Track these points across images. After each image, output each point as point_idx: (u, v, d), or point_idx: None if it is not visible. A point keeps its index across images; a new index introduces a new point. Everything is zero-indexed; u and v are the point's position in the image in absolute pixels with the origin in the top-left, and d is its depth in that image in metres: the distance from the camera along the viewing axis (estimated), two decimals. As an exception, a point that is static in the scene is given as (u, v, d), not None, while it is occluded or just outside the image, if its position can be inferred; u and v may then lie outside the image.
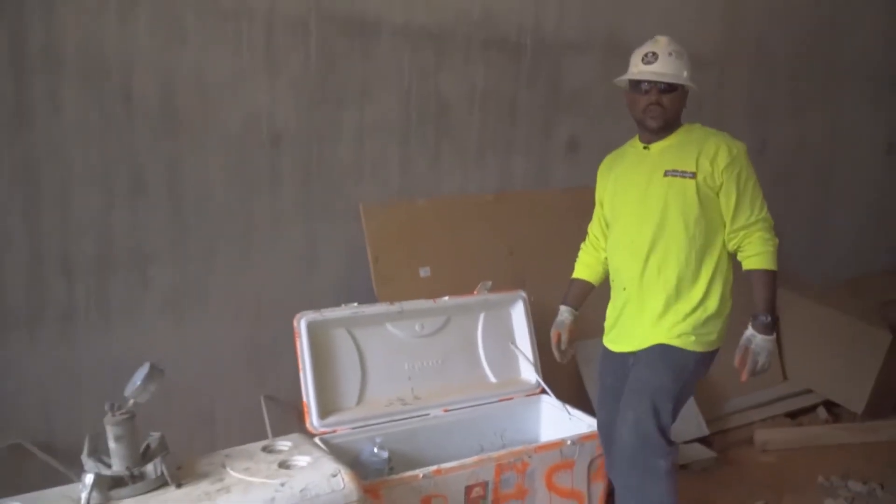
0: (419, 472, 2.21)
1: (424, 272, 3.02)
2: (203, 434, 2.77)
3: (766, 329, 2.12)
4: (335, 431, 2.48)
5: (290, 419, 2.78)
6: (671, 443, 2.16)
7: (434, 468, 2.24)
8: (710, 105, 3.74)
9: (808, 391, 3.79)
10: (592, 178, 2.47)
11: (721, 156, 2.14)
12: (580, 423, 2.67)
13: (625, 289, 2.27)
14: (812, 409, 3.76)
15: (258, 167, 2.82)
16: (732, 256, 2.24)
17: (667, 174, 2.17)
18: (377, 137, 3.05)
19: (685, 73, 2.19)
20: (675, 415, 2.19)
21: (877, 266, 4.73)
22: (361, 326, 2.62)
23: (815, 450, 3.41)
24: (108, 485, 1.76)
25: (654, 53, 2.17)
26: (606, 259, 2.41)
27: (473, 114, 3.28)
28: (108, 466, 1.79)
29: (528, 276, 3.15)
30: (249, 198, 2.82)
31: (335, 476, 1.92)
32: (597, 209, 2.47)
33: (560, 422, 2.75)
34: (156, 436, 1.88)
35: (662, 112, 2.16)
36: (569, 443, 2.47)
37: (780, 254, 2.19)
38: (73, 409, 2.53)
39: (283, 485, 1.86)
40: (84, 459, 1.79)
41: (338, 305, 2.62)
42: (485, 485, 2.32)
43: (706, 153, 2.15)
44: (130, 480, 1.78)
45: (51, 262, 2.50)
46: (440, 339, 2.76)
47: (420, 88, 3.11)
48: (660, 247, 2.18)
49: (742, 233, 2.17)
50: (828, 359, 3.73)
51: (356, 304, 2.63)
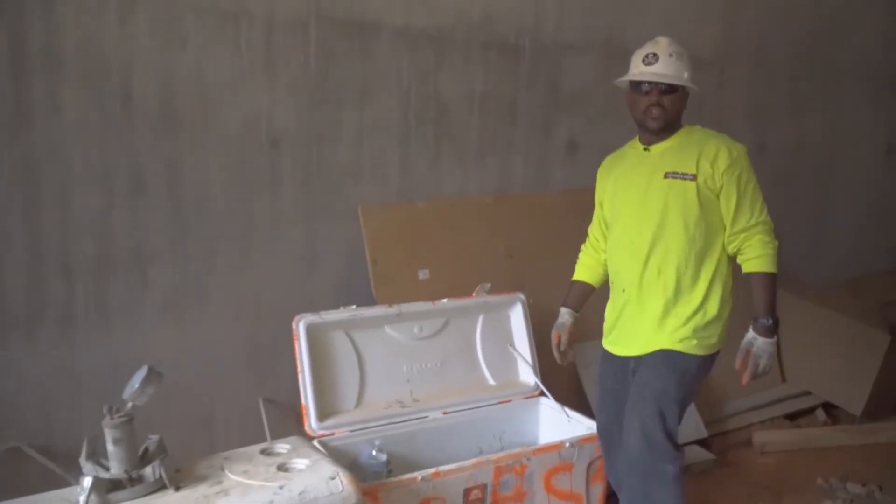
0: (418, 475, 2.21)
1: (423, 274, 3.02)
2: (202, 436, 2.77)
3: (768, 332, 2.12)
4: (334, 434, 2.48)
5: (289, 421, 2.78)
6: (678, 447, 2.17)
7: (433, 470, 2.24)
8: (710, 106, 3.74)
9: (807, 393, 3.79)
10: (592, 180, 2.47)
11: (721, 158, 2.13)
12: (579, 426, 2.68)
13: (624, 290, 2.27)
14: (811, 411, 3.77)
15: (258, 168, 2.82)
16: (731, 259, 2.24)
17: (667, 176, 2.17)
18: (377, 139, 3.05)
19: (686, 75, 2.18)
20: (680, 419, 2.19)
21: (877, 266, 4.73)
22: (360, 329, 2.62)
23: (814, 452, 3.42)
24: (107, 488, 1.76)
25: (655, 54, 2.17)
26: (606, 259, 2.40)
27: (473, 115, 3.27)
28: (107, 469, 1.79)
29: (527, 279, 3.14)
30: (249, 198, 2.82)
31: (334, 479, 1.92)
32: (596, 210, 2.46)
33: (559, 424, 2.75)
34: (154, 438, 1.88)
35: (663, 113, 2.16)
36: (567, 445, 2.48)
37: (780, 255, 2.19)
38: (73, 412, 2.53)
39: (282, 487, 1.86)
40: (82, 462, 1.80)
41: (337, 307, 2.62)
42: (483, 487, 2.32)
43: (707, 155, 2.14)
44: (129, 483, 1.79)
45: (50, 263, 2.50)
46: (439, 342, 2.76)
47: (419, 90, 3.11)
48: (659, 248, 2.18)
49: (742, 235, 2.16)
50: (826, 360, 3.73)
51: (354, 307, 2.63)
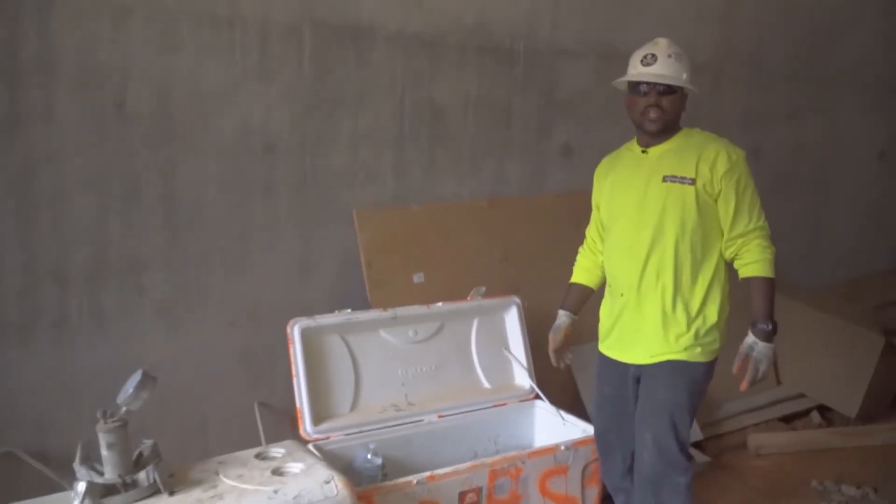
0: (413, 479, 2.21)
1: (418, 278, 3.02)
2: (197, 441, 2.77)
3: (767, 337, 2.10)
4: (329, 438, 2.48)
5: (284, 426, 2.78)
6: (689, 458, 2.17)
7: (427, 474, 2.24)
8: (706, 109, 3.75)
9: (802, 395, 3.80)
10: (586, 184, 2.46)
11: (720, 161, 2.11)
12: (574, 429, 2.68)
13: (622, 294, 2.24)
14: (806, 414, 3.77)
15: (252, 173, 2.82)
16: (728, 264, 2.22)
17: (665, 180, 2.14)
18: (371, 144, 3.05)
19: (685, 76, 2.15)
20: (690, 427, 2.18)
21: (872, 269, 4.74)
22: (355, 333, 2.63)
23: (809, 454, 3.42)
24: (101, 492, 1.76)
25: (654, 55, 2.14)
26: (603, 262, 2.39)
27: (467, 120, 3.28)
28: (101, 474, 1.79)
29: (522, 282, 3.15)
30: (244, 204, 2.82)
31: (328, 483, 1.92)
32: (593, 213, 2.44)
33: (554, 427, 2.76)
34: (148, 443, 1.88)
35: (661, 114, 2.13)
36: (563, 448, 2.48)
37: (777, 258, 2.18)
38: (67, 416, 2.53)
39: (277, 492, 1.86)
40: (76, 467, 1.79)
41: (332, 311, 2.63)
42: (479, 490, 2.32)
43: (706, 158, 2.12)
44: (123, 488, 1.78)
45: (44, 268, 2.50)
46: (434, 345, 2.77)
47: (414, 95, 3.12)
48: (658, 253, 2.15)
49: (740, 240, 2.14)
50: (821, 363, 3.74)
51: (349, 311, 2.64)
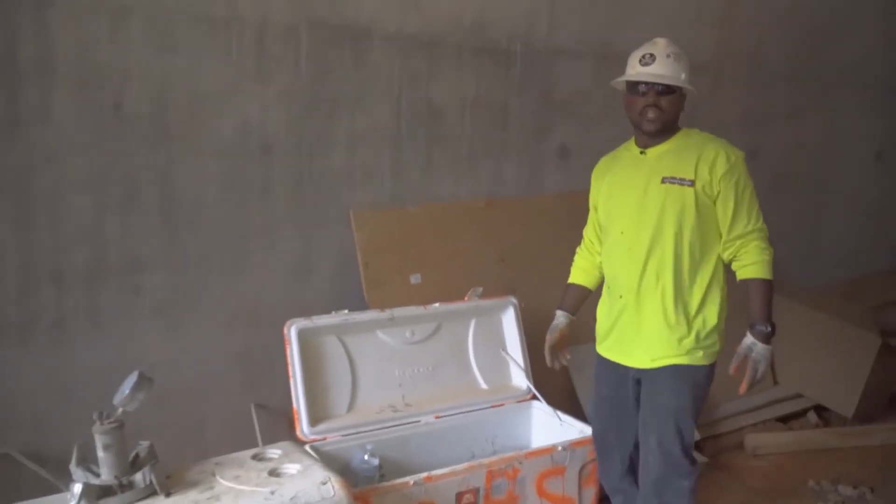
0: (410, 480, 2.21)
1: (415, 279, 3.02)
2: (194, 442, 2.76)
3: (766, 338, 2.10)
4: (326, 439, 2.48)
5: (281, 427, 2.78)
6: (693, 462, 2.17)
7: (424, 475, 2.24)
8: (706, 109, 3.74)
9: (799, 395, 3.80)
10: (584, 185, 2.46)
11: (720, 163, 2.10)
12: (571, 429, 2.68)
13: (621, 296, 2.23)
14: (803, 414, 3.78)
15: (250, 175, 2.82)
16: (726, 265, 2.22)
17: (664, 181, 2.13)
18: (369, 144, 3.05)
19: (683, 76, 2.14)
20: (694, 431, 2.19)
21: (871, 269, 4.73)
22: (352, 333, 2.63)
23: (806, 454, 3.43)
24: (97, 494, 1.76)
25: (652, 55, 2.13)
26: (602, 263, 2.39)
27: (465, 120, 3.28)
28: (97, 476, 1.79)
29: (519, 283, 3.15)
30: (241, 205, 2.82)
31: (325, 484, 1.92)
32: (591, 213, 2.43)
33: (551, 428, 2.76)
34: (145, 444, 1.88)
35: (660, 115, 2.12)
36: (560, 449, 2.48)
37: (775, 258, 2.17)
38: (64, 418, 2.52)
39: (273, 493, 1.86)
40: (72, 469, 1.79)
41: (329, 312, 2.62)
42: (475, 491, 2.33)
43: (705, 159, 2.11)
44: (119, 490, 1.78)
45: (43, 270, 2.49)
46: (431, 346, 2.77)
47: (411, 95, 3.12)
48: (657, 254, 2.15)
49: (738, 242, 2.14)
50: (818, 363, 3.74)
51: (346, 311, 2.64)
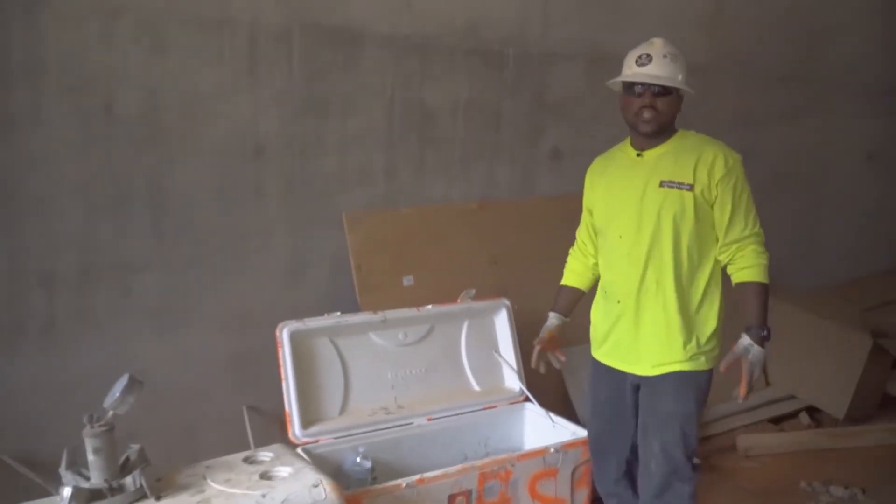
0: (402, 482, 2.21)
1: (408, 280, 3.02)
2: (185, 445, 2.75)
3: (762, 341, 2.09)
4: (318, 441, 2.48)
5: (273, 429, 2.77)
6: (694, 468, 2.17)
7: (417, 477, 2.24)
8: (701, 111, 3.74)
9: (791, 397, 3.81)
10: (576, 187, 2.45)
11: (718, 166, 2.09)
12: (564, 431, 2.68)
13: (619, 301, 2.20)
14: (795, 415, 3.78)
15: (242, 177, 2.82)
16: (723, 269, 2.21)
17: (662, 185, 2.10)
18: (361, 146, 3.05)
19: (680, 77, 2.11)
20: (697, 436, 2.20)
21: (868, 270, 4.74)
22: (344, 336, 2.63)
23: (798, 455, 3.43)
24: (87, 497, 1.75)
25: (649, 55, 2.10)
26: (595, 265, 2.37)
27: (457, 123, 3.29)
28: (87, 479, 1.78)
29: (512, 285, 3.15)
30: (233, 207, 2.82)
31: (317, 486, 1.91)
32: (585, 215, 2.41)
33: (544, 429, 2.76)
34: (135, 448, 1.87)
35: (656, 116, 2.09)
36: (552, 450, 2.48)
37: (771, 260, 2.16)
38: (55, 422, 2.51)
39: (264, 496, 1.86)
40: (62, 472, 1.78)
41: (322, 314, 2.62)
42: (468, 493, 2.32)
43: (704, 161, 2.09)
44: (109, 493, 1.77)
45: (32, 273, 2.48)
46: (424, 348, 2.77)
47: (404, 98, 3.12)
48: (657, 259, 2.12)
49: (735, 246, 2.13)
50: (810, 364, 3.75)
51: (339, 314, 2.63)
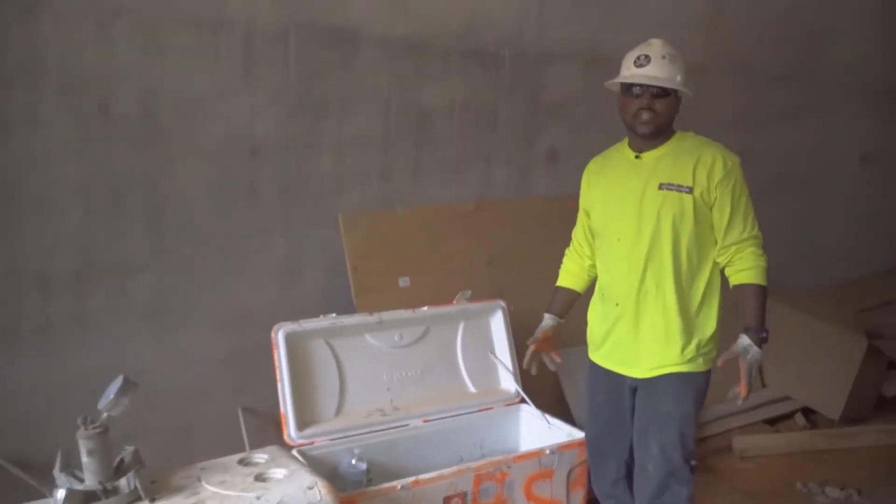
0: (397, 484, 2.21)
1: (404, 282, 3.02)
2: (180, 447, 2.75)
3: (760, 343, 2.09)
4: (313, 443, 2.48)
5: (269, 431, 2.77)
6: (692, 470, 2.17)
7: (412, 479, 2.23)
8: (699, 112, 3.74)
9: (787, 398, 3.82)
10: (573, 188, 2.44)
11: (717, 168, 2.08)
12: (559, 432, 2.68)
13: (617, 304, 2.19)
14: (790, 416, 3.79)
15: (238, 178, 2.82)
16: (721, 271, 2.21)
17: (661, 187, 2.10)
18: (357, 147, 3.05)
19: (679, 78, 2.09)
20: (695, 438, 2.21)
21: (865, 271, 4.74)
22: (340, 337, 2.62)
23: (794, 456, 3.44)
24: (81, 500, 1.74)
25: (647, 56, 2.09)
26: (591, 266, 2.37)
27: (454, 124, 3.29)
28: (81, 481, 1.77)
29: (507, 286, 3.15)
30: (229, 208, 2.82)
31: (312, 488, 1.91)
32: (581, 216, 2.40)
33: (539, 431, 2.76)
34: (129, 449, 1.86)
35: (654, 117, 2.08)
36: (548, 452, 2.48)
37: (768, 261, 2.16)
38: (49, 423, 2.50)
39: (259, 498, 1.85)
40: (56, 474, 1.77)
41: (318, 315, 2.62)
42: (463, 495, 2.32)
43: (703, 163, 2.08)
44: (103, 495, 1.76)
45: (28, 274, 2.48)
46: (419, 350, 2.76)
47: (400, 99, 3.12)
48: (656, 262, 2.12)
49: (733, 248, 2.12)
50: (805, 365, 3.75)
51: (335, 315, 2.63)
